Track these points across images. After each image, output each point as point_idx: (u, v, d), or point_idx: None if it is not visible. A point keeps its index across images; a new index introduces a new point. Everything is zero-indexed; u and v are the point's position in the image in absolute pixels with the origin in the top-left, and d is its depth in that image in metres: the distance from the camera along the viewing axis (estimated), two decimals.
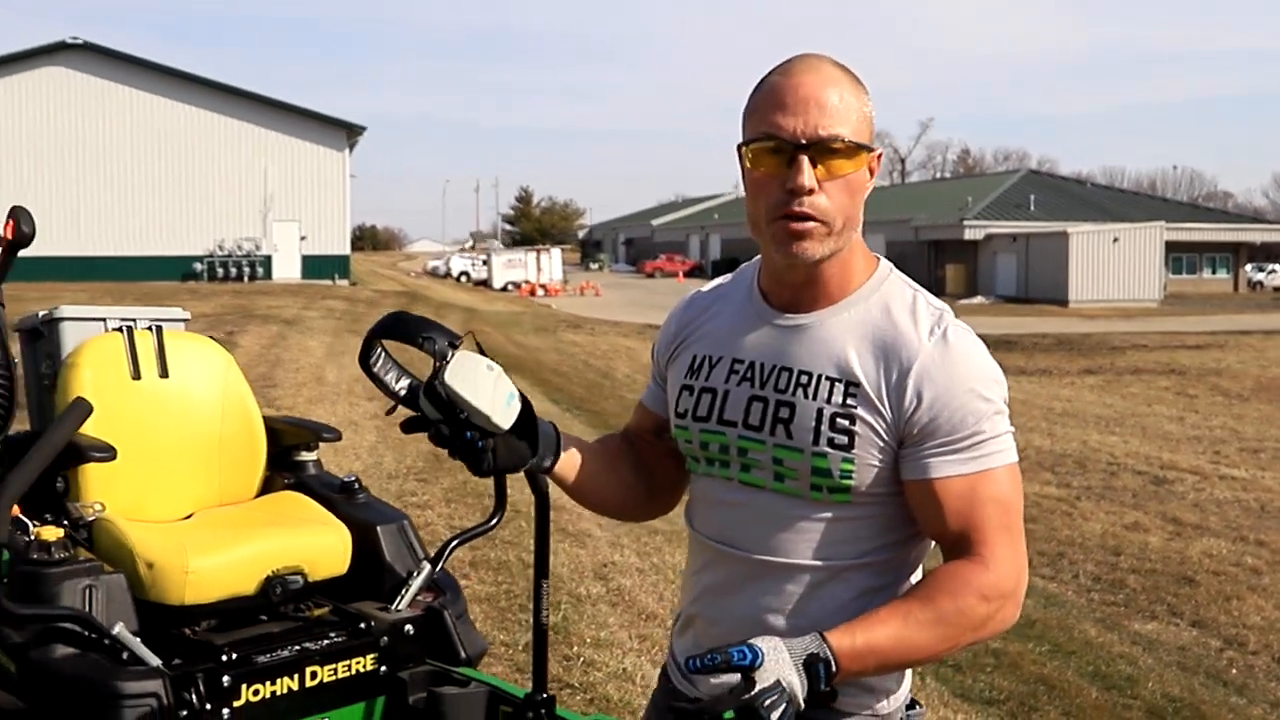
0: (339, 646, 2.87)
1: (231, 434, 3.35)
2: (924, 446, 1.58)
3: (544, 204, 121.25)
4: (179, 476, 3.25)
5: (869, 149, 1.60)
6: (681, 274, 64.23)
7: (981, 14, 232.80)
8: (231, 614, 2.92)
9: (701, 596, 1.74)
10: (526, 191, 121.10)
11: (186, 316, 3.51)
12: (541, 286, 49.41)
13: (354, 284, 40.38)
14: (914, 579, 1.68)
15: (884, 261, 1.72)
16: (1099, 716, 4.79)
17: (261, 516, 3.18)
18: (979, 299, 45.15)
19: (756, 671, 1.41)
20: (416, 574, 3.05)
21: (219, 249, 40.25)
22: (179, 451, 3.26)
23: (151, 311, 3.41)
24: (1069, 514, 8.67)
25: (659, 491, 1.89)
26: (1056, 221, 49.12)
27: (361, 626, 2.93)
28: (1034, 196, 52.58)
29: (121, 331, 3.26)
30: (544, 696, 2.71)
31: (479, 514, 7.07)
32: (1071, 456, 11.18)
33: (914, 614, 1.52)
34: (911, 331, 1.61)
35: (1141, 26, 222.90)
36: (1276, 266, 59.57)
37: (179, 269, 39.27)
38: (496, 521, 3.11)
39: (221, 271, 39.64)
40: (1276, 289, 56.94)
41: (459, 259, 65.27)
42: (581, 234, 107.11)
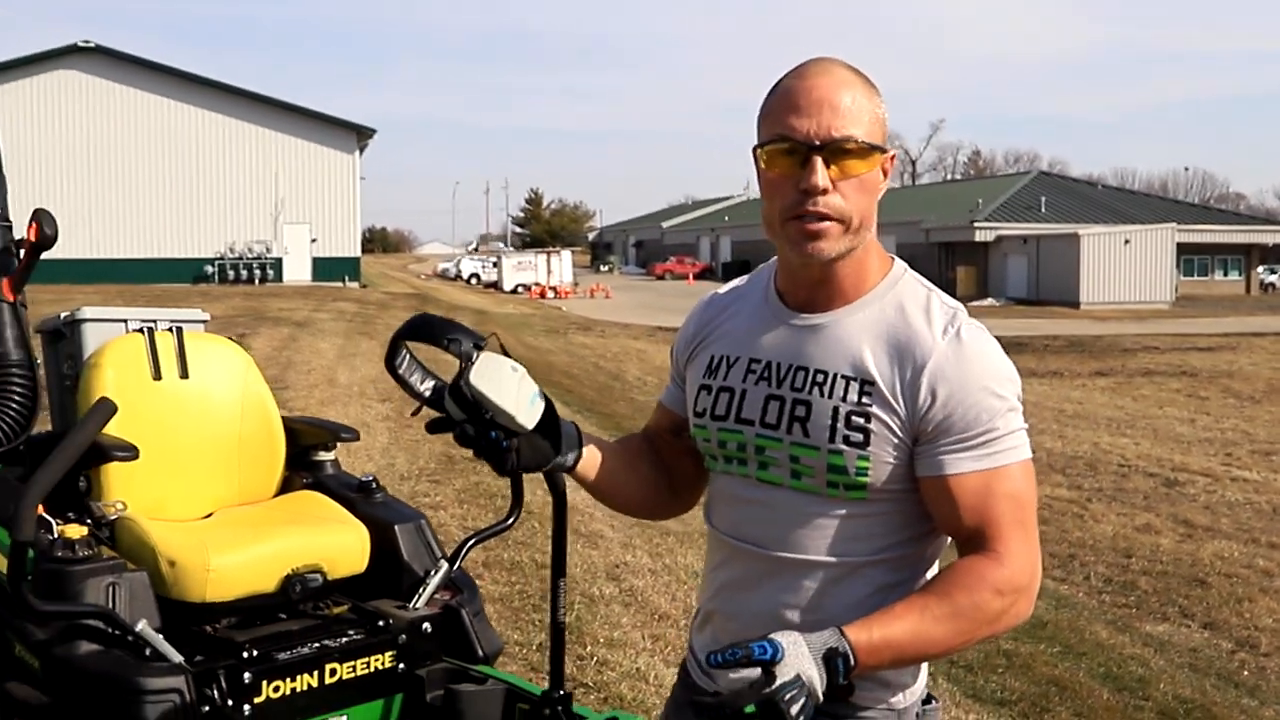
0: (358, 644, 2.90)
1: (251, 434, 3.38)
2: (938, 443, 1.60)
3: (554, 206, 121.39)
4: (199, 476, 3.29)
5: (882, 150, 1.63)
6: (692, 276, 64.18)
7: (992, 15, 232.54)
8: (252, 611, 2.96)
9: (720, 593, 1.76)
10: (536, 193, 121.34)
11: (206, 318, 3.55)
12: (552, 289, 49.43)
13: (364, 286, 40.48)
14: (930, 575, 1.70)
15: (898, 261, 1.74)
16: (1110, 717, 4.80)
17: (281, 515, 3.21)
18: (989, 301, 45.04)
19: (777, 666, 1.43)
20: (434, 573, 3.08)
21: (230, 251, 40.37)
22: (199, 451, 3.30)
23: (172, 313, 3.45)
24: (1080, 516, 8.67)
25: (679, 490, 1.92)
26: (1067, 223, 49.01)
27: (380, 624, 2.96)
28: (1045, 198, 52.43)
29: (142, 333, 3.30)
30: (561, 694, 2.74)
31: (492, 515, 7.10)
32: (1083, 458, 11.17)
33: (930, 609, 1.54)
34: (925, 330, 1.63)
35: (1153, 27, 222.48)
36: None
37: (190, 271, 39.41)
38: (513, 521, 3.15)
39: (232, 274, 39.78)
40: None
41: (469, 261, 65.42)
42: (591, 236, 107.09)
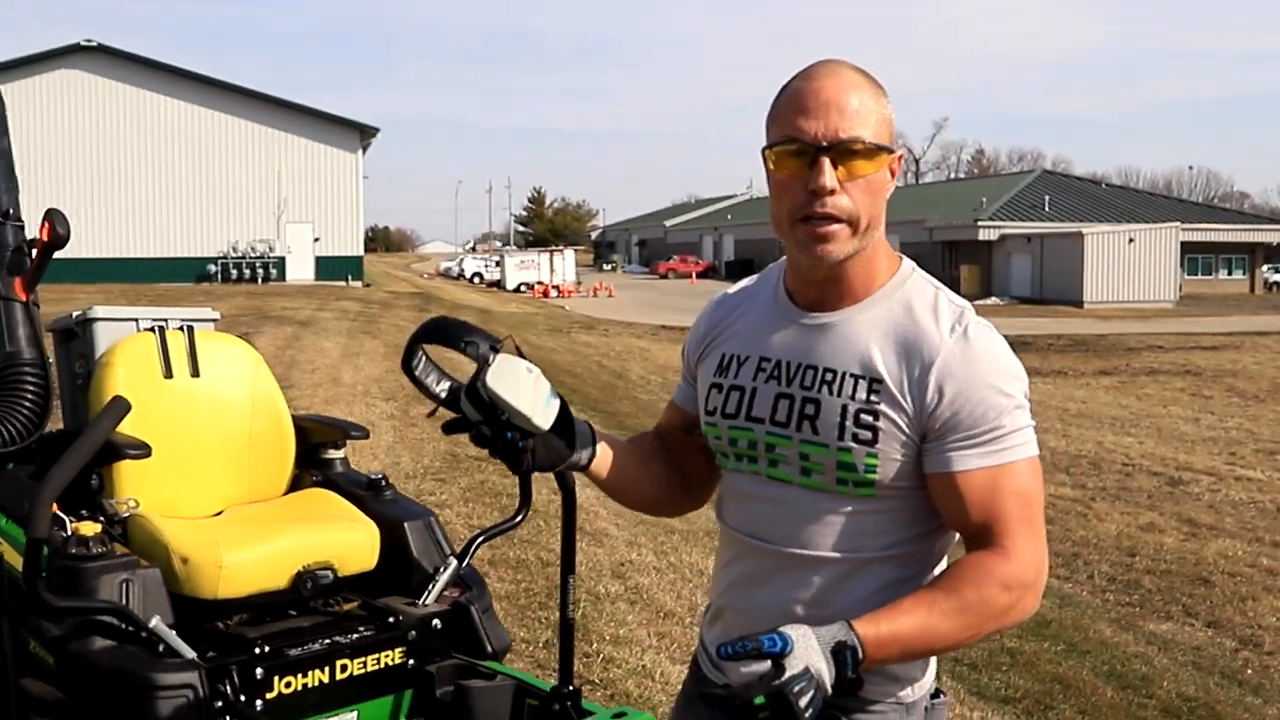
0: (368, 640, 2.93)
1: (261, 432, 3.41)
2: (946, 440, 1.62)
3: (557, 205, 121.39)
4: (210, 473, 3.31)
5: (889, 150, 1.65)
6: (695, 275, 64.16)
7: (996, 13, 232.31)
8: (263, 608, 2.98)
9: (731, 588, 1.79)
10: (539, 192, 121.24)
11: (217, 316, 3.57)
12: (555, 287, 49.45)
13: (367, 285, 40.51)
14: (938, 571, 1.72)
15: (906, 260, 1.76)
16: (1114, 715, 4.82)
17: (291, 513, 3.24)
18: (993, 300, 45.01)
19: (786, 658, 1.45)
20: (443, 570, 3.11)
21: (233, 250, 40.41)
22: (210, 449, 3.32)
23: (183, 312, 3.48)
24: (1084, 515, 8.69)
25: (691, 487, 1.94)
26: (1071, 222, 48.96)
27: (390, 621, 2.98)
28: (1049, 197, 52.38)
29: (154, 331, 3.33)
30: (570, 689, 2.76)
31: (497, 513, 7.12)
32: (1087, 457, 11.19)
33: (938, 603, 1.56)
34: (933, 329, 1.65)
35: (1156, 26, 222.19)
36: None
37: (193, 270, 39.46)
38: (522, 518, 3.18)
39: (235, 273, 39.82)
40: None
41: (472, 260, 65.44)
42: (594, 235, 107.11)
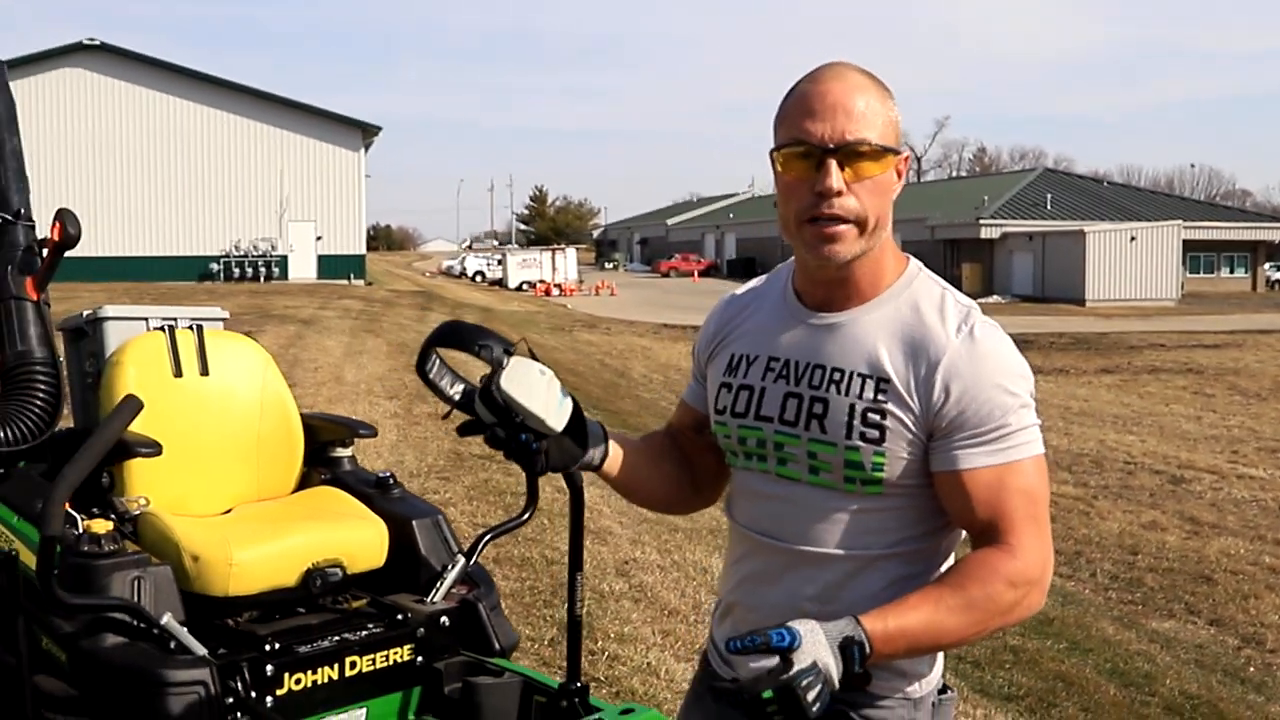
0: (377, 637, 2.95)
1: (270, 430, 3.43)
2: (952, 439, 1.64)
3: (558, 203, 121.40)
4: (220, 472, 3.33)
5: (895, 152, 1.67)
6: (696, 273, 64.17)
7: (996, 13, 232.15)
8: (272, 605, 3.00)
9: (741, 585, 1.81)
10: (541, 191, 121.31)
11: (225, 316, 3.59)
12: (556, 286, 49.47)
13: (369, 284, 40.54)
14: (945, 568, 1.74)
15: (913, 261, 1.78)
16: (1117, 713, 4.83)
17: (301, 511, 3.26)
18: (995, 298, 44.99)
19: (794, 653, 1.48)
20: (451, 567, 3.13)
21: (235, 249, 40.44)
22: (220, 447, 3.34)
23: (192, 311, 3.50)
24: (1086, 513, 8.71)
25: (701, 485, 1.97)
26: (1073, 220, 48.96)
27: (399, 618, 3.01)
28: (1050, 195, 52.37)
29: (163, 330, 3.35)
30: (578, 686, 2.79)
31: (501, 511, 7.15)
32: (1089, 456, 11.20)
33: (945, 599, 1.58)
34: (940, 328, 1.67)
35: (1158, 25, 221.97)
36: None
37: (195, 269, 39.49)
38: (529, 516, 3.20)
39: (237, 271, 39.84)
40: None
41: (474, 259, 65.42)
42: (596, 233, 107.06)
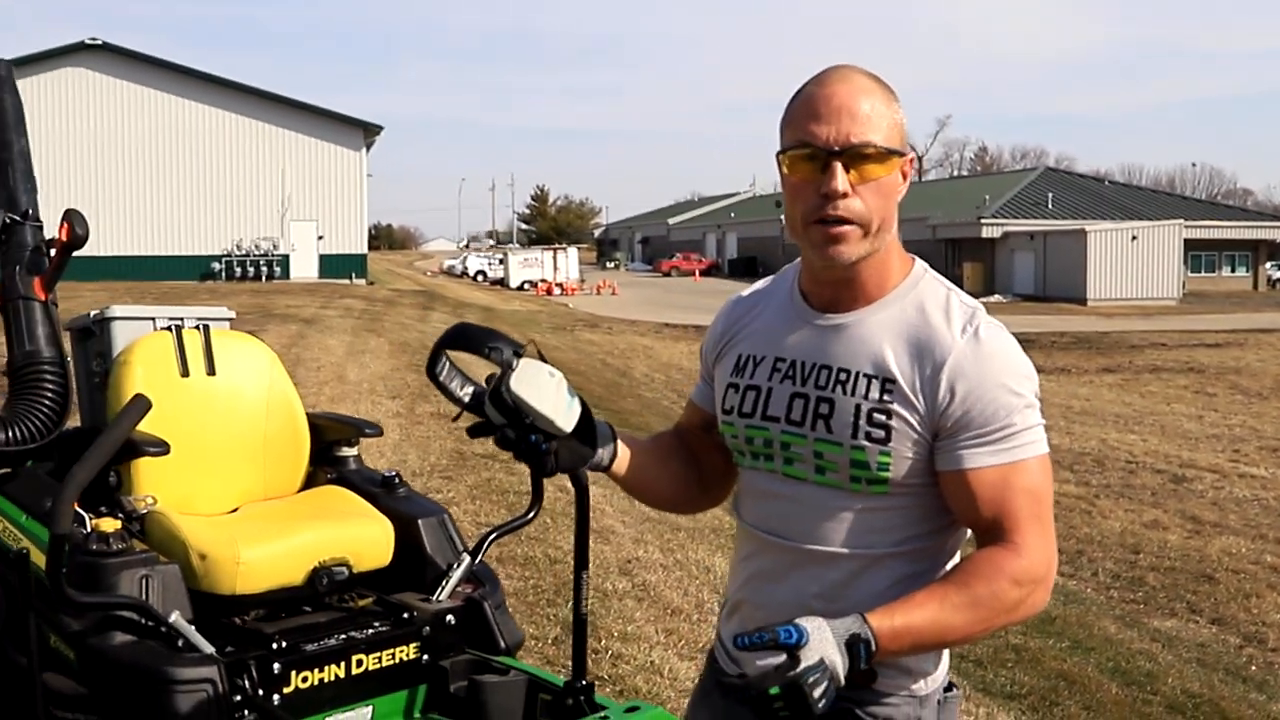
0: (383, 636, 2.96)
1: (276, 430, 3.44)
2: (957, 439, 1.65)
3: (560, 203, 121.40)
4: (226, 471, 3.35)
5: (900, 154, 1.68)
6: (698, 273, 64.18)
7: (996, 13, 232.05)
8: (279, 604, 3.01)
9: (748, 583, 1.83)
10: (542, 190, 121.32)
11: (232, 315, 3.61)
12: (558, 285, 49.48)
13: (371, 283, 40.55)
14: (950, 566, 1.75)
15: (919, 262, 1.80)
16: (1119, 712, 4.85)
17: (307, 510, 3.27)
18: (996, 297, 44.97)
19: (802, 650, 1.49)
20: (456, 566, 3.14)
21: (237, 249, 40.44)
22: (226, 447, 3.36)
23: (198, 311, 3.52)
24: (1088, 512, 8.73)
25: (709, 484, 1.98)
26: (1074, 219, 48.96)
27: (404, 616, 3.01)
28: (1052, 194, 52.38)
29: (170, 330, 3.36)
30: (584, 684, 2.80)
31: (504, 510, 7.16)
32: (1090, 455, 11.22)
33: (950, 597, 1.60)
34: (945, 329, 1.68)
35: (1157, 26, 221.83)
36: None
37: (197, 268, 39.50)
38: (534, 515, 3.21)
39: (239, 271, 39.84)
40: None
41: (475, 258, 65.44)
42: (597, 233, 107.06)
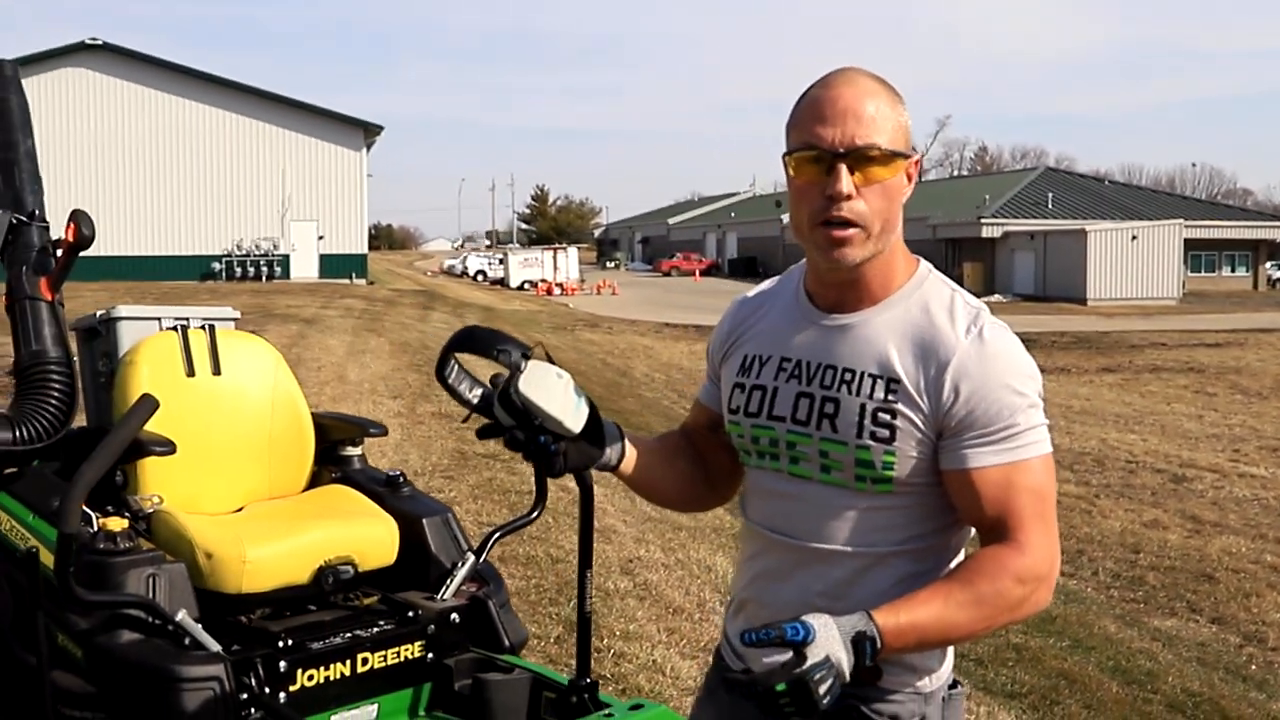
0: (388, 634, 2.98)
1: (281, 429, 3.46)
2: (962, 438, 1.67)
3: (560, 203, 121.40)
4: (232, 470, 3.37)
5: (905, 156, 1.70)
6: (698, 273, 64.17)
7: (996, 14, 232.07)
8: (285, 602, 3.04)
9: (754, 581, 1.84)
10: (542, 190, 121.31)
11: (237, 315, 3.62)
12: (558, 285, 49.48)
13: (371, 283, 40.57)
14: (954, 565, 1.76)
15: (923, 262, 1.81)
16: (1119, 711, 4.86)
17: (312, 509, 3.29)
18: (996, 297, 44.97)
19: (808, 647, 1.51)
20: (461, 565, 3.16)
21: (237, 249, 40.45)
22: (232, 446, 3.37)
23: (204, 311, 3.53)
24: (1088, 511, 8.74)
25: (716, 484, 2.00)
26: (1074, 219, 48.97)
27: (409, 615, 3.03)
28: (1052, 194, 52.38)
29: (176, 330, 3.38)
30: (588, 682, 2.82)
31: (506, 510, 7.18)
32: (1091, 454, 11.24)
33: (954, 595, 1.61)
34: (949, 330, 1.70)
35: (1157, 26, 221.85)
36: None
37: (198, 268, 39.51)
38: (537, 514, 3.23)
39: (240, 271, 39.85)
40: None
41: (475, 258, 65.44)
42: (598, 233, 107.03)
